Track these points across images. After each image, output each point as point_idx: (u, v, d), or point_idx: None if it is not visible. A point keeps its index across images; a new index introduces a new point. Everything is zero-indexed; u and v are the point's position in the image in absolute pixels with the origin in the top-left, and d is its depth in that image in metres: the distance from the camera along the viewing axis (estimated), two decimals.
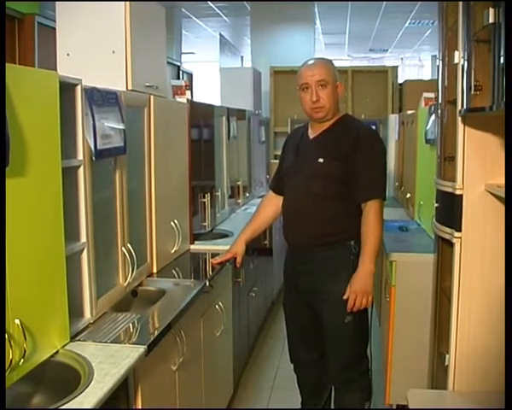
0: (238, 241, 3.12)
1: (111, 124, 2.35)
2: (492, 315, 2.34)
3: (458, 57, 2.29)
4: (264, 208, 3.12)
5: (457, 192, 2.37)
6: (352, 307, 2.62)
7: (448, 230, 2.46)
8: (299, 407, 3.15)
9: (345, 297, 2.62)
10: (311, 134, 2.82)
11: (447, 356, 2.45)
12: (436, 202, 2.66)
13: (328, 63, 2.77)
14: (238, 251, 3.08)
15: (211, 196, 4.02)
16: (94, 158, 2.23)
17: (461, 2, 2.26)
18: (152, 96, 2.93)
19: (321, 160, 2.69)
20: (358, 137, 2.68)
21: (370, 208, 2.64)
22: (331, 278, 2.72)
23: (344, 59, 14.55)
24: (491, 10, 1.88)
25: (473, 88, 2.14)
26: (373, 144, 2.74)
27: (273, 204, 3.06)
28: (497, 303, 2.28)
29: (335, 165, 2.67)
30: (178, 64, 7.94)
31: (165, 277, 3.00)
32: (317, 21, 10.03)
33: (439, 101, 2.67)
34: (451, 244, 2.42)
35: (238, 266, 3.15)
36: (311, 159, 2.74)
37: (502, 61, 1.79)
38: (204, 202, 3.88)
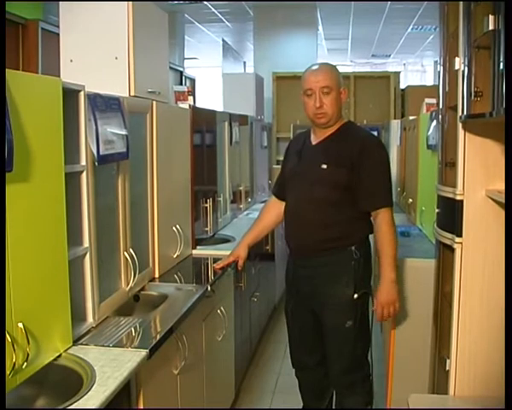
0: (241, 245, 3.13)
1: (114, 129, 2.37)
2: (493, 320, 2.34)
3: (459, 63, 2.30)
4: (267, 213, 3.13)
5: (458, 198, 2.37)
6: (382, 318, 2.71)
7: (449, 235, 2.46)
8: None
9: (373, 309, 2.69)
10: (314, 140, 2.83)
11: (448, 361, 2.45)
12: (437, 208, 2.67)
13: (332, 69, 2.77)
14: (240, 254, 3.10)
15: (213, 201, 4.03)
16: (97, 163, 2.24)
17: (461, 9, 2.27)
18: (154, 102, 2.95)
19: (324, 166, 2.70)
20: (363, 145, 2.70)
21: (382, 218, 2.67)
22: (332, 282, 2.73)
23: (346, 64, 14.56)
24: (491, 17, 1.89)
25: (473, 94, 2.15)
26: (378, 153, 2.75)
27: (276, 209, 3.06)
28: (498, 308, 2.28)
29: (338, 171, 2.68)
30: (181, 69, 7.95)
31: (167, 281, 3.00)
32: (320, 27, 10.06)
33: (440, 107, 2.69)
34: (452, 250, 2.43)
35: (240, 269, 3.16)
36: (314, 165, 2.74)
37: (502, 67, 1.80)
38: (206, 207, 3.89)
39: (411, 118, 4.89)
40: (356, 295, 2.67)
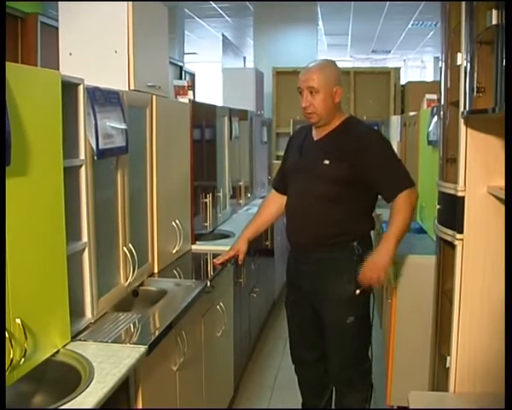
0: (241, 239, 3.12)
1: (113, 123, 2.35)
2: (494, 317, 2.33)
3: (461, 59, 2.29)
4: (267, 207, 3.12)
5: (459, 194, 2.36)
6: (364, 278, 2.62)
7: (450, 231, 2.45)
8: (300, 407, 3.14)
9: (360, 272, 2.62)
10: (316, 136, 2.82)
11: (448, 358, 2.44)
12: (438, 204, 2.66)
13: (324, 68, 2.72)
14: (240, 249, 3.08)
15: (212, 196, 4.01)
16: (96, 158, 2.23)
17: (464, 4, 2.26)
18: (154, 96, 2.93)
19: (326, 162, 2.69)
20: (364, 141, 2.69)
21: (400, 197, 2.63)
22: (333, 278, 2.72)
23: (346, 60, 14.55)
24: (494, 12, 1.88)
25: (475, 90, 2.14)
26: (380, 146, 2.74)
27: (276, 203, 3.05)
28: (499, 305, 2.27)
29: (340, 167, 2.67)
30: (181, 64, 7.94)
31: (166, 277, 2.99)
32: (320, 22, 10.03)
33: (442, 102, 2.67)
34: (453, 246, 2.42)
35: (240, 263, 3.14)
36: (316, 160, 2.73)
37: (505, 62, 1.78)
38: (206, 203, 3.88)
39: (411, 114, 4.87)
40: (358, 291, 2.66)
